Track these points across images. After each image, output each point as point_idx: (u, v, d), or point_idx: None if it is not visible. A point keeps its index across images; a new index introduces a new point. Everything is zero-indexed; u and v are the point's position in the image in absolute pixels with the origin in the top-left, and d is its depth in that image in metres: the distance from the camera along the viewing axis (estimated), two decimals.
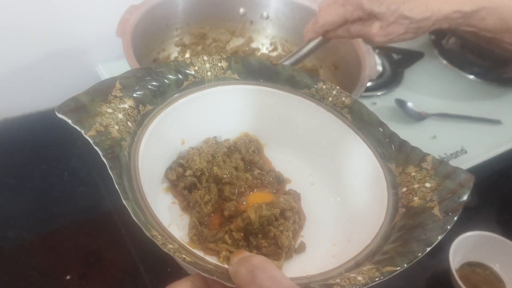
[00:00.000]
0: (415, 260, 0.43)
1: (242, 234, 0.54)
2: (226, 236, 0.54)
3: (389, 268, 0.42)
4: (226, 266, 0.41)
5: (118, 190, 0.43)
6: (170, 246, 0.41)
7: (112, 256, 0.72)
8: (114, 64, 0.94)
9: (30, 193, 0.80)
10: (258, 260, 0.37)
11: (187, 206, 0.59)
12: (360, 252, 0.47)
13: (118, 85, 0.52)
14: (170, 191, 0.61)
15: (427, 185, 0.50)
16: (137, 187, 0.47)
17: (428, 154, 0.54)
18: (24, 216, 0.76)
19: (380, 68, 1.06)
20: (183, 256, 0.40)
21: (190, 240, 0.54)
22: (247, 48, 0.95)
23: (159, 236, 0.41)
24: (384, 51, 1.12)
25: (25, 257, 0.70)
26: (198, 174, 0.60)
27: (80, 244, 0.73)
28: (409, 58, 1.13)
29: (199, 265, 0.40)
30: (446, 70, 1.12)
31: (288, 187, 0.63)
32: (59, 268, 0.70)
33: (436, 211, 0.47)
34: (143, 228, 0.41)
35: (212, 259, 0.44)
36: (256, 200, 0.59)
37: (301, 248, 0.56)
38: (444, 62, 1.14)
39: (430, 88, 1.06)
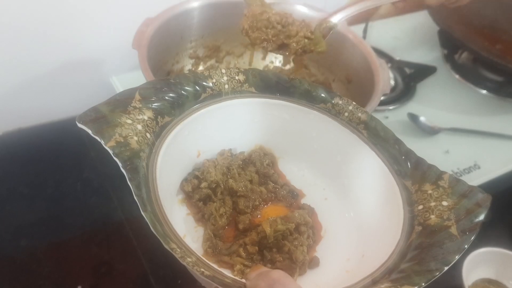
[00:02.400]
0: (433, 279, 0.43)
1: (256, 248, 0.54)
2: (241, 250, 0.54)
3: (406, 287, 0.42)
4: (243, 280, 0.41)
5: (137, 202, 0.44)
6: (189, 259, 0.41)
7: (123, 267, 0.72)
8: (128, 75, 0.94)
9: (43, 203, 0.80)
10: (277, 274, 0.37)
11: (202, 218, 0.59)
12: (376, 269, 0.46)
13: (137, 96, 0.52)
14: (185, 202, 0.61)
15: (444, 203, 0.50)
16: (155, 198, 0.47)
17: (445, 172, 0.53)
18: (37, 225, 0.76)
19: (392, 82, 1.06)
20: (202, 269, 0.40)
21: (204, 252, 0.54)
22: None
23: (178, 249, 0.41)
24: (397, 65, 1.13)
25: (37, 266, 0.71)
26: (213, 186, 0.60)
27: (92, 254, 0.73)
28: (422, 72, 1.12)
29: (217, 279, 0.40)
30: (459, 85, 1.12)
31: (302, 201, 0.63)
32: (70, 278, 0.70)
33: (453, 230, 0.47)
34: (161, 241, 0.41)
35: (226, 272, 0.45)
36: (270, 214, 0.59)
37: (315, 263, 0.56)
38: (457, 76, 1.13)
39: (443, 103, 1.05)
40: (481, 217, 0.48)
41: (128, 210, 0.77)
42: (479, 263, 0.76)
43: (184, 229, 0.57)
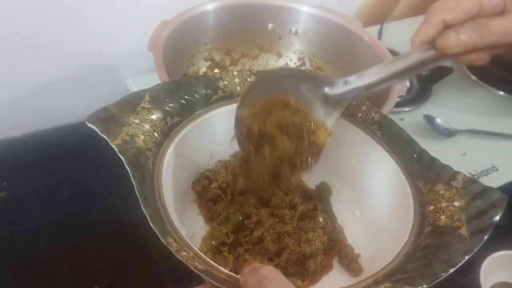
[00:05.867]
0: (437, 281, 0.42)
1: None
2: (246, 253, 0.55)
3: (407, 287, 0.41)
4: (238, 276, 0.41)
5: (138, 197, 0.45)
6: (184, 253, 0.41)
7: (139, 268, 0.73)
8: (144, 78, 0.95)
9: (61, 204, 0.80)
10: (267, 270, 0.36)
11: (212, 218, 0.59)
12: (380, 270, 0.46)
13: (147, 97, 0.53)
14: (196, 202, 0.61)
15: (456, 204, 0.49)
16: (159, 195, 0.47)
17: (459, 172, 0.52)
18: (54, 227, 0.77)
19: (408, 83, 1.05)
20: (196, 264, 0.41)
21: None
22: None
23: (174, 243, 0.42)
24: None
25: (54, 267, 0.71)
26: (224, 187, 0.60)
27: (108, 255, 0.74)
28: (437, 73, 1.11)
29: (210, 273, 0.40)
30: (476, 86, 1.10)
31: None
32: (87, 279, 0.71)
33: (463, 231, 0.46)
34: (159, 234, 0.42)
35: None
36: None
37: (329, 268, 0.56)
38: (473, 77, 1.12)
39: (459, 104, 1.04)
40: (495, 218, 0.46)
41: (144, 212, 0.77)
42: (497, 266, 0.75)
43: (194, 228, 0.58)
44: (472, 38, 0.45)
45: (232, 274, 0.41)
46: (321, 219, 0.58)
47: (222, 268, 0.42)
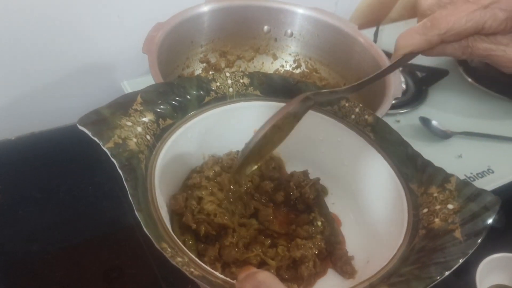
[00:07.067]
0: (432, 284, 0.41)
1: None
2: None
3: None
4: (234, 281, 0.40)
5: (132, 201, 0.44)
6: (179, 259, 0.41)
7: (134, 271, 0.72)
8: (139, 80, 0.95)
9: (55, 207, 0.80)
10: (263, 276, 0.36)
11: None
12: (376, 273, 0.45)
13: (139, 99, 0.52)
14: None
15: (450, 206, 0.49)
16: (152, 199, 0.47)
17: (451, 175, 0.52)
18: (49, 230, 0.76)
19: (403, 85, 1.05)
20: (191, 269, 0.40)
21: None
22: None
23: (169, 249, 0.41)
24: (408, 68, 1.12)
25: (48, 271, 0.71)
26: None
27: (103, 259, 0.74)
28: (434, 75, 1.11)
29: (206, 279, 0.40)
30: (472, 88, 1.10)
31: None
32: (81, 282, 0.70)
33: (457, 233, 0.45)
34: (153, 240, 0.41)
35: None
36: None
37: (323, 272, 0.56)
38: (469, 80, 1.11)
39: (455, 106, 1.04)
40: (489, 221, 0.46)
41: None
42: (493, 269, 0.75)
43: None
44: (456, 54, 0.49)
45: (228, 279, 0.41)
46: (319, 223, 0.58)
47: (217, 274, 0.41)
